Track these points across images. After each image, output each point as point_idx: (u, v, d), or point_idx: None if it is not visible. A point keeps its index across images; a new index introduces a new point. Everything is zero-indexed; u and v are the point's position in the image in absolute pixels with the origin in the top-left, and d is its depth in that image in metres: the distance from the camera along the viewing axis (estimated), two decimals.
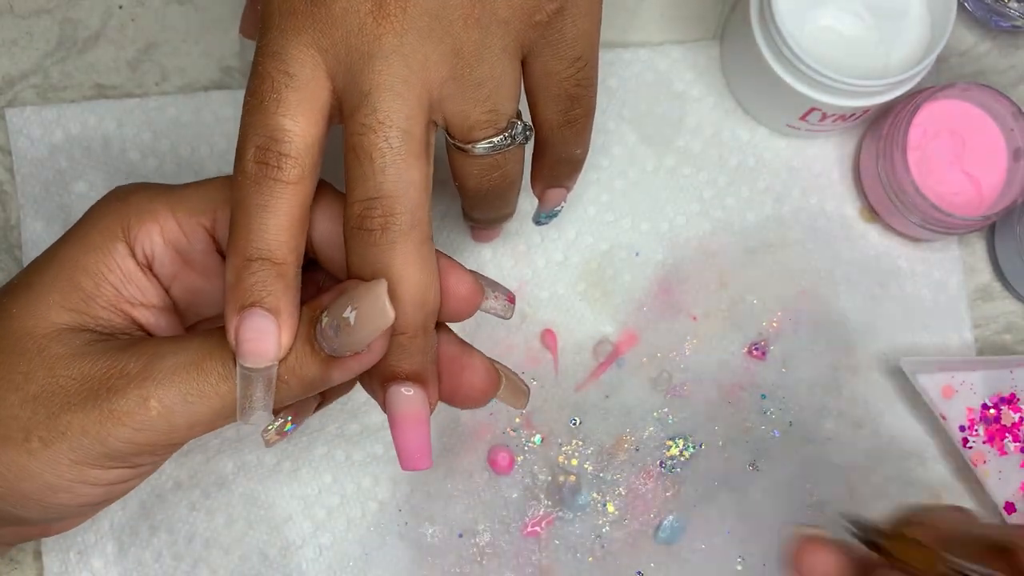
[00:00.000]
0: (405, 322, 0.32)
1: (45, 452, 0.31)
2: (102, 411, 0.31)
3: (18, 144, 0.49)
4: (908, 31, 0.48)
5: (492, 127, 0.34)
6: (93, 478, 0.32)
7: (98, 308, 0.34)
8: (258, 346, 0.31)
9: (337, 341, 0.31)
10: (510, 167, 0.37)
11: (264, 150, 0.31)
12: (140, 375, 0.31)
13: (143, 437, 0.32)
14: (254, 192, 0.31)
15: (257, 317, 0.31)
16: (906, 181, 0.48)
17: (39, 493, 0.32)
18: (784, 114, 0.50)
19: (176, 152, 0.50)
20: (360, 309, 0.31)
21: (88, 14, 0.50)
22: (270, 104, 0.32)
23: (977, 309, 0.52)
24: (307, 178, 0.32)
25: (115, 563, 0.47)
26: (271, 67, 0.32)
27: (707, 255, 0.51)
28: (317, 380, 0.32)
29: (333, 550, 0.48)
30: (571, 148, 0.39)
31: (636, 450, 0.49)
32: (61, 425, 0.31)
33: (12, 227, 0.49)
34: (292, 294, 0.32)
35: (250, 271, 0.31)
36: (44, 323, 0.33)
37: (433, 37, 0.32)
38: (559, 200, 0.44)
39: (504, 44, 0.34)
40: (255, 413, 0.32)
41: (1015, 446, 0.48)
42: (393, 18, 0.32)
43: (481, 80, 0.33)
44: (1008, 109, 0.49)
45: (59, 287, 0.34)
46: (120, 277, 0.35)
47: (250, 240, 0.31)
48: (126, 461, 0.33)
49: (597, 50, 0.37)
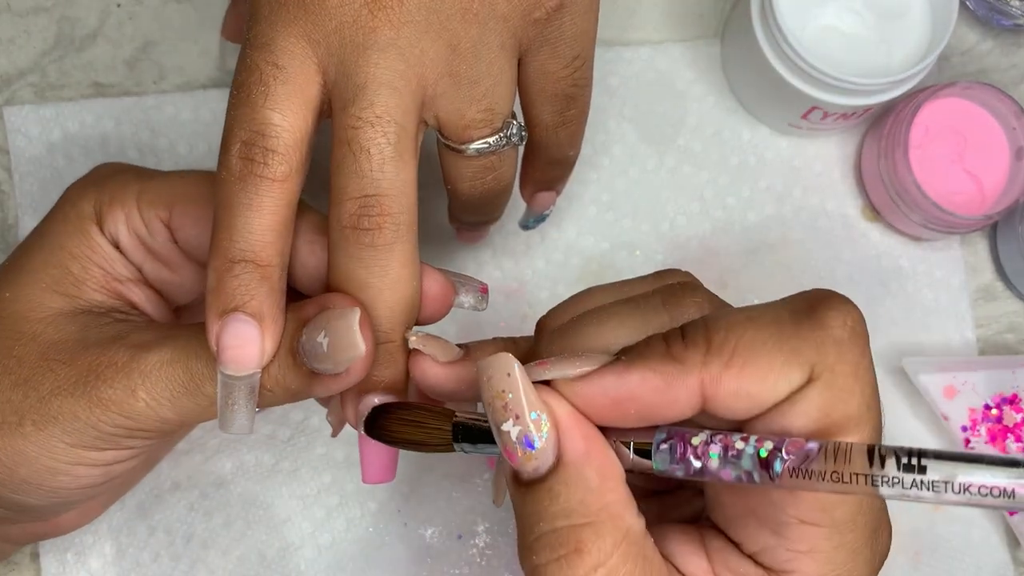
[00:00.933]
0: (395, 330, 0.31)
1: (39, 435, 0.31)
2: (91, 398, 0.31)
3: (16, 143, 0.49)
4: (910, 30, 0.48)
5: (488, 127, 0.34)
6: (90, 459, 0.32)
7: (89, 291, 0.34)
8: (240, 353, 0.30)
9: (314, 360, 0.30)
10: (504, 169, 0.36)
11: (250, 145, 0.30)
12: (126, 367, 0.31)
13: (133, 423, 0.32)
14: (238, 190, 0.30)
15: (239, 323, 0.30)
16: (908, 180, 0.47)
17: (39, 477, 0.32)
18: (785, 113, 0.50)
19: (174, 150, 0.50)
20: (331, 338, 0.30)
21: (86, 12, 0.50)
22: (257, 97, 0.30)
23: (979, 309, 0.52)
24: (295, 175, 0.31)
25: (113, 564, 0.47)
26: (259, 58, 0.31)
27: (708, 254, 0.51)
28: (301, 392, 0.31)
29: (332, 550, 0.47)
30: (564, 149, 0.39)
31: None
32: (52, 410, 0.31)
33: (10, 226, 0.49)
34: (276, 298, 0.31)
35: (232, 273, 0.30)
36: (39, 308, 0.33)
37: (430, 32, 0.31)
38: (548, 204, 0.43)
39: (502, 41, 0.33)
40: (236, 422, 0.30)
41: (1017, 446, 0.48)
42: (389, 10, 0.31)
43: (477, 78, 0.32)
44: (1010, 108, 0.49)
45: (50, 271, 0.34)
46: (103, 257, 0.35)
47: (233, 241, 0.30)
48: (120, 444, 0.32)
49: (594, 49, 0.36)
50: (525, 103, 0.36)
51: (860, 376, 0.27)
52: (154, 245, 0.35)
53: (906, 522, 0.49)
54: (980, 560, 0.49)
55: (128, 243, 0.35)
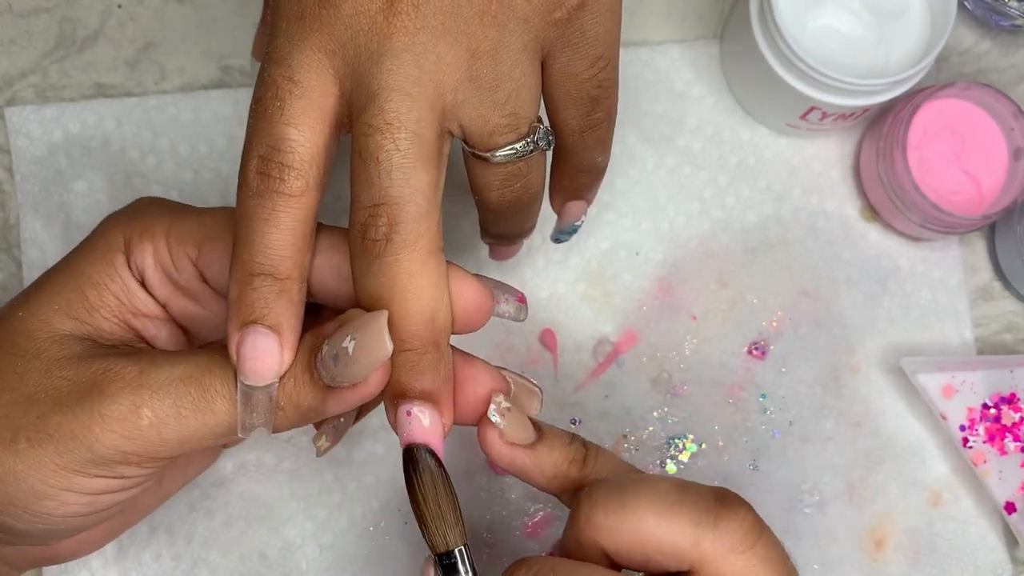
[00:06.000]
0: (412, 338, 0.31)
1: (31, 453, 0.31)
2: (92, 414, 0.31)
3: (17, 143, 0.49)
4: (908, 30, 0.48)
5: (513, 132, 0.33)
6: (78, 485, 0.32)
7: (101, 319, 0.34)
8: (259, 364, 0.30)
9: (336, 370, 0.30)
10: (533, 176, 0.35)
11: (267, 160, 0.30)
12: (135, 382, 0.31)
13: (131, 446, 0.31)
14: (256, 205, 0.30)
15: (259, 335, 0.30)
16: (906, 180, 0.48)
17: (25, 499, 0.32)
18: (784, 113, 0.50)
19: (175, 151, 0.50)
20: (358, 339, 0.30)
21: (87, 13, 0.50)
22: (273, 112, 0.30)
23: (977, 308, 0.52)
24: (312, 190, 0.31)
25: (114, 563, 0.47)
26: (276, 74, 0.31)
27: (707, 254, 0.51)
28: (313, 410, 0.32)
29: (334, 549, 0.48)
30: (592, 155, 0.38)
31: (636, 450, 0.49)
32: (50, 427, 0.31)
33: (11, 226, 0.49)
34: (295, 311, 0.31)
35: (252, 287, 0.30)
36: (46, 327, 0.33)
37: (448, 36, 0.31)
38: (579, 214, 0.41)
39: (523, 43, 0.32)
40: (255, 428, 0.31)
41: (1015, 446, 0.48)
42: (404, 16, 0.30)
43: (499, 82, 0.32)
44: (1008, 108, 0.49)
45: (65, 295, 0.34)
46: (121, 287, 0.35)
47: (253, 255, 0.30)
48: (111, 470, 0.32)
49: (618, 49, 0.35)
50: (550, 108, 0.35)
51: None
52: (180, 280, 0.35)
53: (904, 522, 0.49)
54: (978, 559, 0.49)
55: (153, 277, 0.35)
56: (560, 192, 0.40)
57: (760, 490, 0.49)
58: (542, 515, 0.48)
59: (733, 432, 0.50)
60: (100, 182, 0.49)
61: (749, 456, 0.49)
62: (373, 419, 0.48)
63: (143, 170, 0.49)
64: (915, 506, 0.50)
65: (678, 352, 0.50)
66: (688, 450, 0.49)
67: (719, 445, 0.49)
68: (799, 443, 0.50)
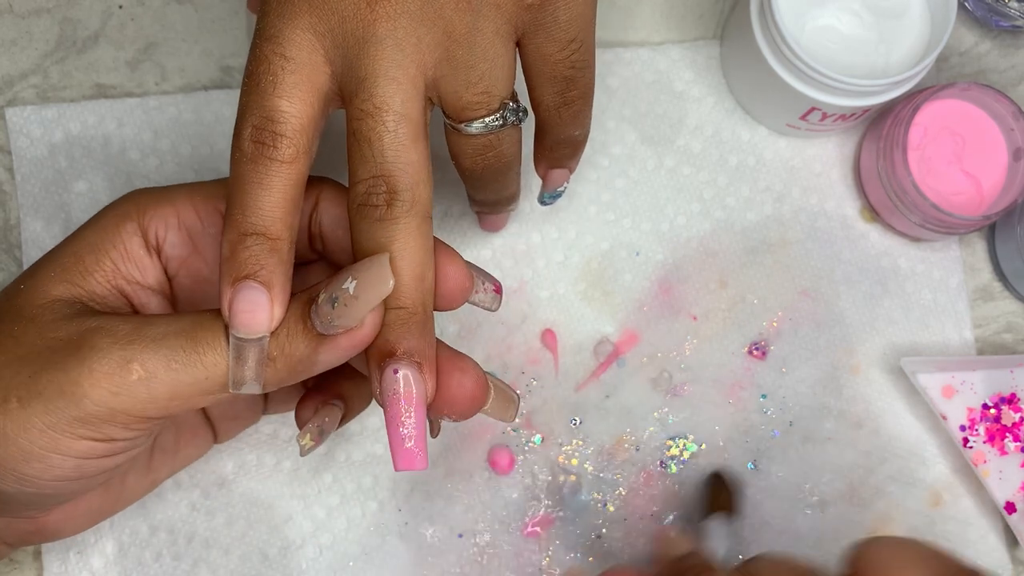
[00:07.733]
0: (405, 295, 0.33)
1: (21, 413, 0.32)
2: (81, 369, 0.32)
3: (18, 144, 0.49)
4: (908, 30, 0.48)
5: (484, 108, 0.35)
6: (64, 447, 0.32)
7: (94, 283, 0.36)
8: (251, 317, 0.32)
9: (333, 314, 0.31)
10: (505, 147, 0.37)
11: (260, 129, 0.32)
12: (127, 336, 0.32)
13: (119, 402, 0.32)
14: (250, 170, 0.32)
15: (250, 290, 0.32)
16: (906, 181, 0.48)
17: (12, 460, 0.32)
18: (784, 114, 0.50)
19: (176, 151, 0.50)
20: (361, 277, 0.31)
21: (88, 14, 0.50)
22: (267, 86, 0.32)
23: (977, 309, 0.52)
24: (302, 158, 0.33)
25: (115, 563, 0.47)
26: (268, 50, 0.33)
27: (707, 255, 0.51)
28: (304, 360, 0.33)
29: (333, 550, 0.48)
30: (569, 130, 0.40)
31: (636, 450, 0.49)
32: (40, 384, 0.32)
33: (12, 227, 0.49)
34: (285, 269, 0.33)
35: (244, 245, 0.32)
36: (42, 293, 0.35)
37: (425, 21, 0.33)
38: (562, 181, 0.44)
39: (496, 27, 0.34)
40: (246, 383, 0.32)
41: (1015, 446, 0.48)
42: (386, 3, 0.33)
43: (473, 62, 0.34)
44: (1008, 109, 0.49)
45: (63, 261, 0.36)
46: (121, 254, 0.36)
47: (246, 216, 0.32)
48: (99, 430, 0.32)
49: (593, 32, 0.37)
50: (528, 85, 0.38)
51: None
52: (203, 238, 0.37)
53: (905, 522, 0.49)
54: (978, 559, 0.49)
55: (175, 238, 0.37)
56: (543, 161, 0.43)
57: (760, 490, 0.49)
58: (542, 515, 0.48)
59: (733, 432, 0.50)
60: (101, 183, 0.49)
61: (749, 456, 0.50)
62: (372, 420, 0.49)
63: (144, 171, 0.49)
64: (915, 506, 0.50)
65: (678, 352, 0.50)
66: (688, 450, 0.49)
67: (719, 445, 0.50)
68: (799, 443, 0.50)
